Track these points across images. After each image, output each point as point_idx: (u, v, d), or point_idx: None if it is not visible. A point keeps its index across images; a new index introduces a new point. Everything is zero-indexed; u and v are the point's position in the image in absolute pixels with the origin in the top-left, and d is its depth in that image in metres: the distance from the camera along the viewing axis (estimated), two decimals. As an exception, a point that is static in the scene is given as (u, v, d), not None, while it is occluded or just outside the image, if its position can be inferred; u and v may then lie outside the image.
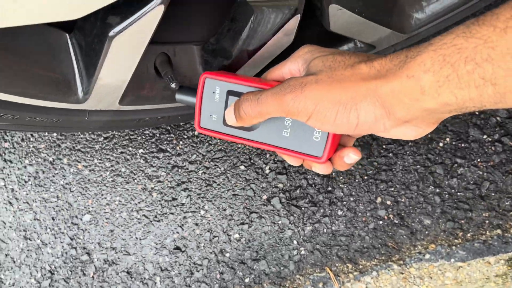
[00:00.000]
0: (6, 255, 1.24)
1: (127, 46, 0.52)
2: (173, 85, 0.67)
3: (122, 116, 0.76)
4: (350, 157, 0.51)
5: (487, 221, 1.03)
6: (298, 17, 0.61)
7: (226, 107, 0.55)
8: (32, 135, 1.30)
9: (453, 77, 0.34)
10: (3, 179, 1.28)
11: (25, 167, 1.28)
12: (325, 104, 0.42)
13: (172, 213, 1.17)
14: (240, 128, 0.55)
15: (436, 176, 1.07)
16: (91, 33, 0.54)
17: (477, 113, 1.05)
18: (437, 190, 1.06)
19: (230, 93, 0.54)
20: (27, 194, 1.26)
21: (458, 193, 1.05)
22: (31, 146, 1.29)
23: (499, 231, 1.02)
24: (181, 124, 1.22)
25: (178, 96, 0.70)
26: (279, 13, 0.61)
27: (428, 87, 0.36)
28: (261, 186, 1.14)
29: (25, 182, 1.27)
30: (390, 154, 1.10)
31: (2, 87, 0.54)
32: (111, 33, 0.49)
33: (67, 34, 0.60)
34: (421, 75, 0.36)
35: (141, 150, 1.22)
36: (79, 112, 0.69)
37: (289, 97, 0.44)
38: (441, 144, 1.08)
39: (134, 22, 0.48)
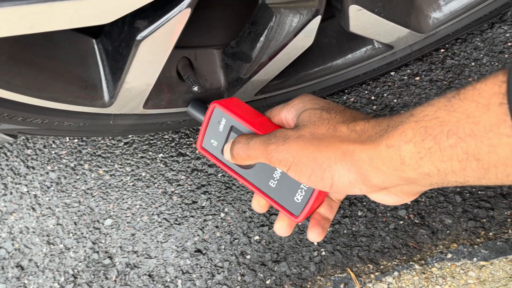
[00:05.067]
0: (29, 260, 1.26)
1: (154, 50, 0.54)
2: (195, 88, 0.68)
3: (145, 120, 0.78)
4: (310, 236, 0.54)
5: (509, 220, 1.03)
6: (319, 18, 0.62)
7: (226, 139, 0.58)
8: (53, 141, 1.32)
9: (435, 150, 0.34)
10: (26, 185, 1.31)
11: (47, 173, 1.30)
12: (303, 159, 0.44)
13: (192, 216, 1.18)
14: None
15: (456, 175, 1.06)
16: (118, 38, 0.56)
17: None
18: (458, 189, 1.06)
19: (232, 129, 0.57)
20: (49, 199, 1.28)
21: (479, 192, 1.05)
22: (53, 152, 1.31)
23: (522, 229, 1.01)
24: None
25: (190, 110, 0.75)
26: (299, 15, 0.62)
27: (408, 158, 0.36)
28: (280, 188, 1.15)
29: (48, 188, 1.29)
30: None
31: (34, 92, 0.55)
32: (138, 37, 0.51)
33: (93, 40, 0.61)
34: (402, 145, 0.36)
35: (161, 155, 1.24)
36: (105, 116, 0.71)
37: (272, 147, 0.47)
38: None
39: (161, 26, 0.49)
